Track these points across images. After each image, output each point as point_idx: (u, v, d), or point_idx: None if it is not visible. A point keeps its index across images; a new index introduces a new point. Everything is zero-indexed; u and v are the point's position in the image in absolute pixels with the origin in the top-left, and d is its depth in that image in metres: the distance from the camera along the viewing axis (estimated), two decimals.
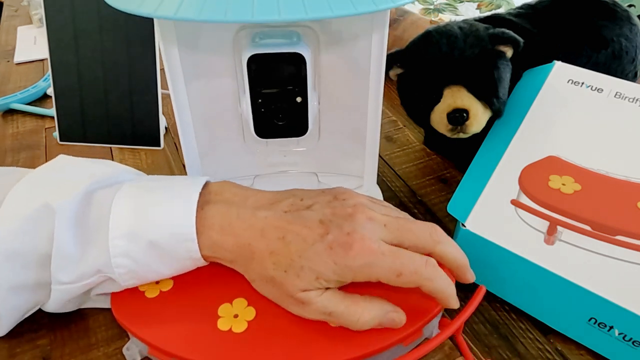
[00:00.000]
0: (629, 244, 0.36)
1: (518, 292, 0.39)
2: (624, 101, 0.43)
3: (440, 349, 0.37)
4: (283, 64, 0.39)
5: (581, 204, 0.38)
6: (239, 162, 0.48)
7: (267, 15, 0.27)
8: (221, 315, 0.35)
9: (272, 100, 0.41)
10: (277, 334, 0.34)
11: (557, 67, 0.47)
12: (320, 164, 0.49)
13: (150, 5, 0.28)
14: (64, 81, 0.52)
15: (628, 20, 0.52)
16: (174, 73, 0.39)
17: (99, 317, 0.39)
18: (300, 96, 0.41)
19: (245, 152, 0.48)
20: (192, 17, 0.27)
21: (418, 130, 0.61)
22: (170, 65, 0.38)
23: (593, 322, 0.35)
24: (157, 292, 0.36)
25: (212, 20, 0.27)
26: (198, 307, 0.36)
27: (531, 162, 0.42)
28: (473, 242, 0.39)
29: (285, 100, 0.41)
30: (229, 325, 0.34)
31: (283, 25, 0.40)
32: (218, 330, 0.34)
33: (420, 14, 0.74)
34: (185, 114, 0.41)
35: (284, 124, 0.42)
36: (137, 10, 0.28)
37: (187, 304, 0.36)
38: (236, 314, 0.35)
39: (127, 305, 0.35)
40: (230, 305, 0.36)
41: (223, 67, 0.42)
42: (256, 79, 0.39)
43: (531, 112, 0.45)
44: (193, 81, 0.41)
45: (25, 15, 0.98)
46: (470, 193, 0.41)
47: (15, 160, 0.58)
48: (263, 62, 0.38)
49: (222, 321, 0.35)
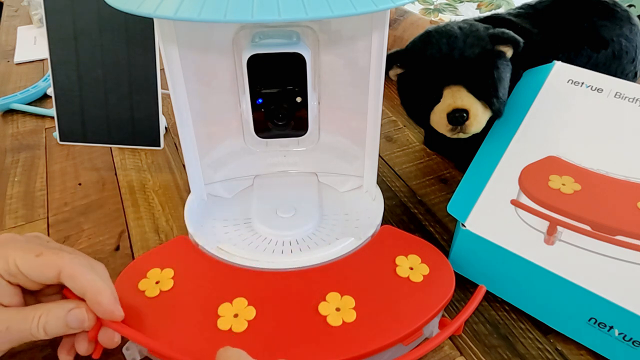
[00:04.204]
0: (628, 244, 0.36)
1: (518, 292, 0.39)
2: (624, 101, 0.43)
3: (440, 349, 0.37)
4: (283, 63, 0.39)
5: (581, 204, 0.38)
6: (238, 162, 0.48)
7: (266, 15, 0.27)
8: (221, 314, 0.35)
9: (272, 100, 0.41)
10: (277, 334, 0.34)
11: (557, 67, 0.47)
12: (320, 164, 0.49)
13: (150, 5, 0.28)
14: (64, 81, 0.52)
15: (628, 20, 0.52)
16: (173, 73, 0.39)
17: None
18: (300, 96, 0.41)
19: (245, 152, 0.48)
20: (192, 17, 0.27)
21: (418, 130, 0.61)
22: (170, 65, 0.38)
23: (593, 322, 0.35)
24: (157, 291, 0.36)
25: (212, 20, 0.27)
26: (198, 306, 0.36)
27: (531, 162, 0.42)
28: (473, 242, 0.39)
29: (286, 100, 0.41)
30: (229, 325, 0.34)
31: (282, 25, 0.39)
32: (218, 330, 0.34)
33: (420, 14, 0.74)
34: (185, 114, 0.41)
35: (284, 124, 0.42)
36: (136, 10, 0.28)
37: (187, 304, 0.36)
38: (236, 313, 0.35)
39: (127, 304, 0.35)
40: (231, 305, 0.35)
41: (223, 67, 0.42)
42: (256, 79, 0.39)
43: (531, 112, 0.45)
44: (193, 81, 0.41)
45: (25, 15, 0.98)
46: (470, 193, 0.41)
47: (15, 160, 0.58)
48: (263, 62, 0.38)
49: (222, 321, 0.34)
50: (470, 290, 0.41)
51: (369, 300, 0.36)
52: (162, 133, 0.53)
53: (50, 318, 0.31)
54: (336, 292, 0.36)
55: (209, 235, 0.43)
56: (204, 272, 0.38)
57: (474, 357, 0.37)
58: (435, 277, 0.38)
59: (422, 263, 0.39)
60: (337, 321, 0.34)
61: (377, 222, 0.43)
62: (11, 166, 0.57)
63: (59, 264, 0.31)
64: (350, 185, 0.49)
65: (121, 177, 0.55)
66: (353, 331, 0.34)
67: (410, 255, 0.39)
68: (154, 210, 0.50)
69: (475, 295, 0.36)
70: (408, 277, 0.37)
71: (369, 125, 0.43)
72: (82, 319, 0.32)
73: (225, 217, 0.46)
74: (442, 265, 0.39)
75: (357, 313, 0.35)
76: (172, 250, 0.40)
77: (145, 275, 0.38)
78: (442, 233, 0.47)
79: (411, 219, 0.49)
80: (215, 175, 0.48)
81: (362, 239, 0.41)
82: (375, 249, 0.40)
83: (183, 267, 0.39)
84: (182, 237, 0.42)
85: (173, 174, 0.55)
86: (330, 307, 0.35)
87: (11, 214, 0.51)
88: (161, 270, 0.38)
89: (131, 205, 0.51)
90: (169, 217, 0.49)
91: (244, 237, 0.43)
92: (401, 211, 0.49)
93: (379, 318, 0.35)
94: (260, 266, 0.39)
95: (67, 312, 0.32)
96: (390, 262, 0.39)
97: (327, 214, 0.46)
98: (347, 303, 0.36)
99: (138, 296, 0.36)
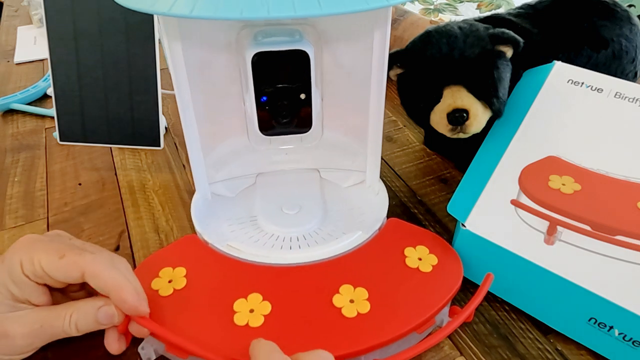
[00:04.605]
0: (628, 244, 0.36)
1: (518, 292, 0.39)
2: (623, 101, 0.43)
3: (441, 349, 0.37)
4: (287, 61, 0.39)
5: (581, 204, 0.38)
6: (241, 160, 0.48)
7: (282, 12, 0.27)
8: (237, 310, 0.35)
9: (277, 97, 0.41)
10: (294, 326, 0.34)
11: (557, 67, 0.47)
12: (323, 161, 0.50)
13: (164, 4, 0.28)
14: (64, 81, 0.52)
15: (628, 20, 0.52)
16: (178, 72, 0.39)
17: None
18: (304, 93, 0.41)
19: (248, 151, 0.48)
20: (209, 15, 0.27)
21: (418, 130, 0.61)
22: (174, 64, 0.39)
23: (593, 322, 0.35)
24: (170, 290, 0.37)
25: (228, 18, 0.27)
26: (213, 303, 0.36)
27: (531, 162, 0.42)
28: (473, 242, 0.39)
29: (290, 97, 0.41)
30: (246, 320, 0.35)
31: (285, 23, 0.40)
32: (235, 325, 0.34)
33: (420, 14, 0.74)
34: (189, 114, 0.42)
35: (288, 121, 0.42)
36: (151, 9, 0.29)
37: (203, 301, 0.36)
38: (252, 308, 0.35)
39: None
40: (246, 300, 0.36)
41: (226, 65, 0.42)
42: (261, 76, 0.40)
43: (531, 112, 0.45)
44: (196, 81, 0.41)
45: (25, 15, 0.98)
46: (470, 193, 0.41)
47: (15, 160, 0.58)
48: (268, 59, 0.39)
49: (239, 316, 0.35)
50: (471, 290, 0.41)
51: (382, 291, 0.37)
52: (162, 133, 0.53)
53: (81, 315, 0.33)
54: (349, 284, 0.37)
55: (216, 233, 0.43)
56: (216, 270, 0.39)
57: (474, 357, 0.37)
58: (443, 266, 0.39)
59: (430, 253, 0.40)
60: (352, 312, 0.35)
61: (382, 215, 0.44)
62: (11, 166, 0.57)
63: (81, 265, 0.32)
64: (352, 181, 0.49)
65: (121, 177, 0.55)
66: (368, 321, 0.34)
67: (418, 246, 0.40)
68: (154, 210, 0.50)
69: (484, 282, 0.36)
70: (418, 268, 0.38)
71: (371, 119, 0.43)
72: (112, 315, 0.33)
73: (230, 215, 0.46)
74: (449, 255, 0.40)
75: (371, 304, 0.36)
76: (182, 249, 0.41)
77: (158, 275, 0.38)
78: (442, 233, 0.47)
79: (411, 219, 0.49)
80: (218, 175, 0.48)
81: (370, 232, 0.42)
82: (383, 242, 0.41)
83: (195, 265, 0.39)
84: (191, 235, 0.42)
85: (173, 174, 0.55)
86: (345, 299, 0.36)
87: (11, 214, 0.51)
88: (173, 269, 0.39)
89: (131, 205, 0.51)
90: (169, 217, 0.49)
91: (251, 235, 0.44)
92: (401, 211, 0.49)
93: (393, 308, 0.36)
94: (271, 262, 0.39)
95: (96, 309, 0.33)
96: (399, 254, 0.40)
97: (332, 210, 0.47)
98: (361, 294, 0.36)
99: (152, 295, 0.36)
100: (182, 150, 0.59)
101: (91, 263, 0.32)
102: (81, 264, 0.32)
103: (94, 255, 0.33)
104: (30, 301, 0.33)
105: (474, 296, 0.36)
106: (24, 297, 0.33)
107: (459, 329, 0.38)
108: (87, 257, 0.33)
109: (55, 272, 0.32)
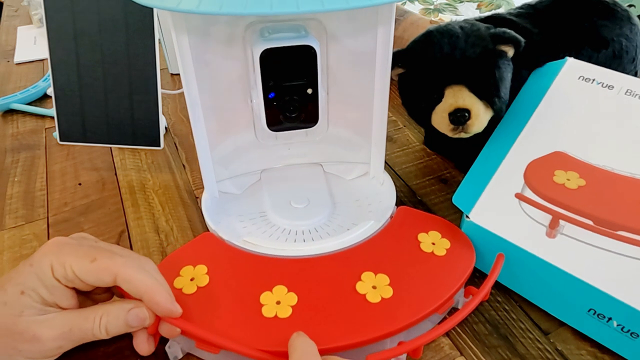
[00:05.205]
0: (630, 239, 0.36)
1: (519, 282, 0.40)
2: (634, 98, 0.44)
3: (441, 349, 0.37)
4: (294, 56, 0.39)
5: (584, 199, 0.39)
6: (246, 157, 0.49)
7: (285, 7, 0.28)
8: (264, 303, 0.36)
9: (284, 92, 0.41)
10: (322, 315, 0.35)
11: (568, 64, 0.47)
12: (328, 154, 0.50)
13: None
14: (64, 81, 0.52)
15: (628, 20, 0.52)
16: (186, 68, 0.39)
17: None
18: (311, 87, 0.41)
19: (253, 147, 0.48)
20: (214, 11, 0.28)
21: (418, 130, 0.61)
22: (183, 60, 0.39)
23: (592, 313, 0.36)
24: (194, 288, 0.37)
25: (233, 13, 0.28)
26: (239, 298, 0.37)
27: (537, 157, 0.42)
28: (476, 233, 0.40)
29: (297, 92, 0.42)
30: (274, 312, 0.35)
31: (290, 19, 0.40)
32: (264, 317, 0.35)
33: (420, 14, 0.74)
34: (197, 111, 0.42)
35: (296, 116, 0.43)
36: (159, 5, 0.29)
37: (228, 296, 0.37)
38: (278, 300, 0.36)
39: None
40: (271, 293, 0.37)
41: (233, 62, 0.42)
42: (268, 72, 0.40)
43: (541, 108, 0.45)
44: (203, 77, 0.41)
45: (25, 15, 0.98)
46: (475, 185, 0.42)
47: (15, 160, 0.58)
48: (275, 55, 0.39)
49: (266, 309, 0.36)
50: (475, 281, 0.41)
51: (402, 276, 0.38)
52: (162, 133, 0.53)
53: (111, 318, 0.33)
54: (370, 271, 0.38)
55: (230, 230, 0.43)
56: (237, 265, 0.39)
57: (474, 357, 0.37)
58: (457, 249, 0.40)
59: (443, 238, 0.41)
60: (376, 298, 0.36)
61: (392, 204, 0.45)
62: (11, 166, 0.57)
63: (114, 269, 0.32)
64: (356, 173, 0.50)
65: (121, 177, 0.55)
66: (392, 305, 0.36)
67: (431, 231, 0.42)
68: (154, 210, 0.50)
69: (496, 263, 0.38)
70: (432, 252, 0.40)
71: (375, 110, 0.44)
72: (143, 317, 0.33)
73: (239, 212, 0.47)
74: (461, 238, 0.41)
75: (393, 289, 0.37)
76: (200, 247, 0.41)
77: (179, 274, 0.38)
78: None
79: None
80: (224, 172, 0.48)
81: (382, 220, 0.43)
82: (396, 229, 0.42)
83: (215, 262, 0.39)
84: (207, 233, 0.43)
85: (173, 174, 0.55)
86: (367, 286, 0.37)
87: (11, 214, 0.51)
88: (194, 267, 0.39)
89: (131, 205, 0.51)
90: (169, 217, 0.49)
91: (263, 230, 0.44)
92: None
93: (414, 291, 0.37)
94: (288, 255, 0.40)
95: (126, 312, 0.33)
96: (413, 239, 0.41)
97: (339, 202, 0.48)
98: (382, 280, 0.38)
99: (176, 294, 0.36)
100: (182, 150, 0.59)
101: (122, 267, 0.32)
102: (113, 269, 0.32)
103: (124, 258, 0.33)
104: (59, 304, 0.33)
105: (489, 276, 0.37)
106: (52, 300, 0.33)
107: (458, 329, 0.38)
108: (118, 261, 0.33)
109: (86, 276, 0.32)
